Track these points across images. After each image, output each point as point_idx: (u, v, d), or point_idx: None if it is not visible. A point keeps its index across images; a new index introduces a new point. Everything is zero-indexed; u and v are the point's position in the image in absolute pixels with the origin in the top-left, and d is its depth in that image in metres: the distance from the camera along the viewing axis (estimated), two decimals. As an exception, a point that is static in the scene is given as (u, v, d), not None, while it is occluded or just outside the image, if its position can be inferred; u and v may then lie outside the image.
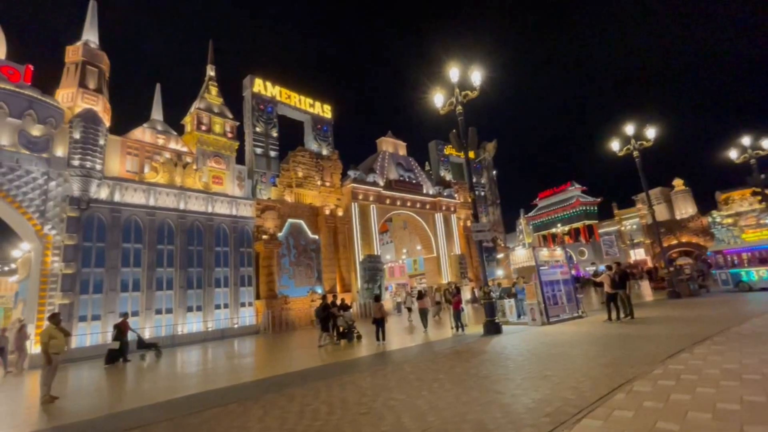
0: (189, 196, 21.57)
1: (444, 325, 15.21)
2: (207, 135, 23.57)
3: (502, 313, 14.19)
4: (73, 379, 11.50)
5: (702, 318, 10.73)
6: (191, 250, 21.12)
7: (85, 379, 11.59)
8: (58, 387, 8.29)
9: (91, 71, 19.71)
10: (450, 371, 6.96)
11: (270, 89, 28.72)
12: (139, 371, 11.80)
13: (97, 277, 17.72)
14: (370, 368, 7.98)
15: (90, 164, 17.89)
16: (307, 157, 29.11)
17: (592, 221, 70.06)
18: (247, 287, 23.16)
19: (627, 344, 7.91)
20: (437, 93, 13.87)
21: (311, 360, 10.43)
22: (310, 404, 5.62)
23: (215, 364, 12.05)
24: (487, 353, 8.46)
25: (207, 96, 24.81)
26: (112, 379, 10.75)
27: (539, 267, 12.89)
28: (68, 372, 12.74)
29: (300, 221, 27.07)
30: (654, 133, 18.82)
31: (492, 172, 45.15)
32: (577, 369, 6.19)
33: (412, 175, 36.29)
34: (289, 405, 5.69)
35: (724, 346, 6.79)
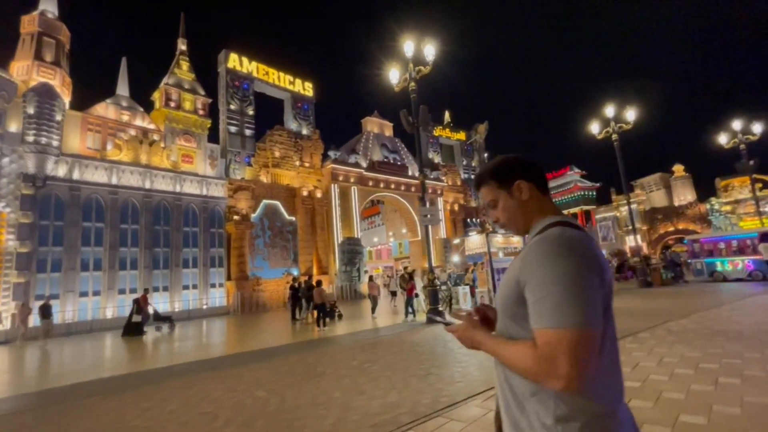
0: (155, 174, 21.08)
1: (400, 312, 14.83)
2: (176, 112, 22.88)
3: (456, 300, 13.76)
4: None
5: (651, 310, 10.20)
6: (157, 230, 20.79)
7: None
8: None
9: (48, 43, 18.95)
10: (346, 364, 6.54)
11: (246, 65, 27.74)
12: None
13: (56, 256, 17.49)
14: (271, 358, 7.58)
15: (45, 140, 17.37)
16: (285, 137, 28.37)
17: (590, 207, 68.87)
18: (217, 268, 22.92)
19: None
20: (392, 68, 13.06)
21: (234, 346, 10.10)
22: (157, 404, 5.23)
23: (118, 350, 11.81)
24: (406, 344, 8.02)
25: (177, 71, 23.97)
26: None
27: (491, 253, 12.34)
28: (21, 350, 12.60)
29: (276, 202, 26.57)
30: (634, 116, 17.86)
31: (483, 155, 44.06)
32: (470, 365, 5.72)
33: (397, 156, 35.46)
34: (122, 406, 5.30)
35: (638, 345, 6.27)
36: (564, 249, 1.00)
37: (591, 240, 1.05)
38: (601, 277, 0.99)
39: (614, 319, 1.06)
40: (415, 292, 12.58)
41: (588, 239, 1.04)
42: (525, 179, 1.23)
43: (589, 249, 1.01)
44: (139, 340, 13.02)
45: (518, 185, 1.22)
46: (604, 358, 1.01)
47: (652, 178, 60.66)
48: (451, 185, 40.14)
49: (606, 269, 1.02)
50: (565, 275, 0.97)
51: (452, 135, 43.68)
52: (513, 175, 1.24)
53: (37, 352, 11.98)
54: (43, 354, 11.63)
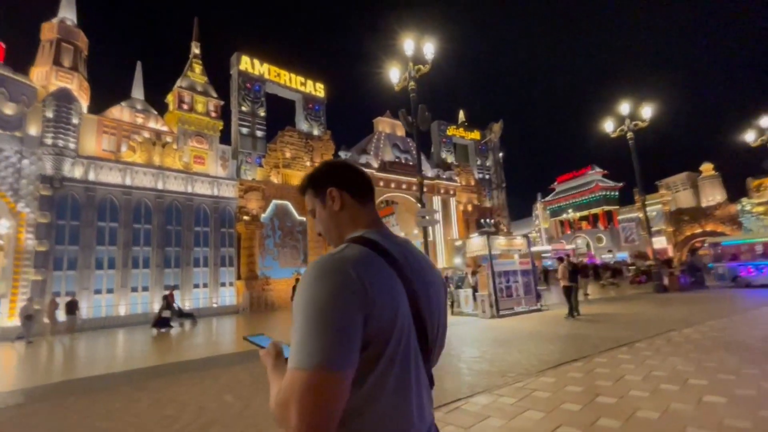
0: (167, 175, 21.59)
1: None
2: (189, 114, 23.37)
3: (458, 303, 13.48)
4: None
5: (657, 317, 9.68)
6: (169, 230, 21.29)
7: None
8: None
9: (66, 49, 19.69)
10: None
11: (258, 67, 28.09)
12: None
13: (71, 255, 18.13)
14: (257, 359, 7.56)
15: (63, 143, 18.05)
16: (296, 137, 28.59)
17: (612, 207, 66.67)
18: (228, 267, 23.30)
19: (530, 346, 7.11)
20: (393, 68, 12.88)
21: (227, 346, 10.17)
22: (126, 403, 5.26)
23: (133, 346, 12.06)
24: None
25: (190, 74, 24.50)
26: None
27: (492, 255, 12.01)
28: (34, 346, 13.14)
29: (286, 202, 26.81)
30: (650, 113, 17.09)
31: (498, 154, 43.29)
32: (446, 375, 5.52)
33: (409, 156, 35.19)
34: (92, 406, 5.35)
35: (630, 356, 5.91)
36: (319, 274, 0.85)
37: (362, 261, 0.88)
38: (365, 305, 0.83)
39: (410, 362, 0.90)
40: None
41: (358, 260, 0.87)
42: (337, 186, 1.08)
43: (351, 272, 0.84)
44: (166, 334, 13.97)
45: (330, 193, 1.08)
46: (381, 402, 0.86)
47: (678, 178, 58.25)
48: (464, 185, 39.59)
49: (383, 293, 0.86)
50: (310, 305, 0.82)
51: (466, 134, 43.05)
52: (326, 181, 1.10)
53: (59, 347, 12.43)
54: (62, 349, 12.04)
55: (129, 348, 11.62)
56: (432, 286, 1.04)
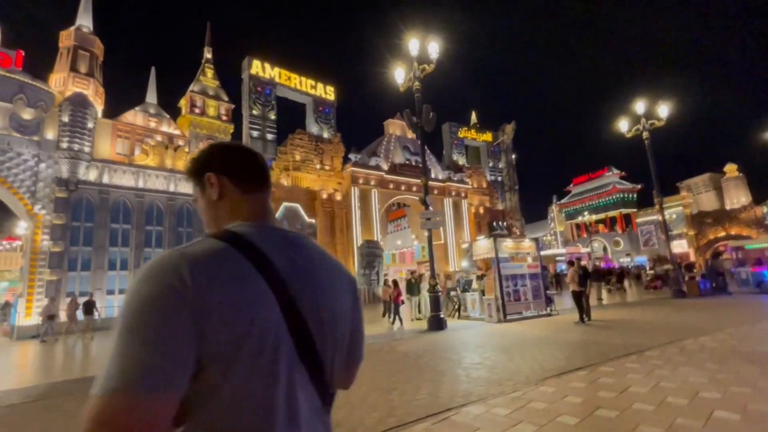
0: (179, 178, 21.90)
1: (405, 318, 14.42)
2: (200, 118, 23.75)
3: (464, 307, 13.18)
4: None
5: (673, 324, 9.21)
6: (180, 232, 21.57)
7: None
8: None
9: (82, 55, 20.24)
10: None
11: (269, 71, 28.39)
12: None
13: (85, 256, 18.54)
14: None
15: (78, 147, 18.51)
16: (306, 140, 28.74)
17: (629, 209, 64.87)
18: (237, 269, 23.45)
19: (534, 352, 6.80)
20: (398, 68, 12.75)
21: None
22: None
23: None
24: (392, 353, 7.65)
25: (202, 79, 24.91)
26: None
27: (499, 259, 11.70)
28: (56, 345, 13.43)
29: (296, 205, 26.91)
30: (666, 111, 16.49)
31: (511, 156, 42.62)
32: (444, 380, 5.30)
33: (419, 159, 34.91)
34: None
35: (638, 365, 5.58)
36: (145, 275, 0.68)
37: (208, 259, 0.71)
38: (198, 313, 0.66)
39: (277, 381, 0.73)
40: (402, 299, 12.16)
41: (201, 258, 0.70)
42: (217, 172, 0.92)
43: (183, 273, 0.67)
44: None
45: (208, 179, 0.92)
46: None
47: (701, 179, 56.38)
48: (476, 187, 39.12)
49: (232, 299, 0.69)
50: (125, 315, 0.66)
51: (478, 136, 42.59)
52: (206, 166, 0.94)
53: (78, 346, 12.66)
54: (80, 347, 12.26)
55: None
56: (328, 293, 0.87)
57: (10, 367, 9.93)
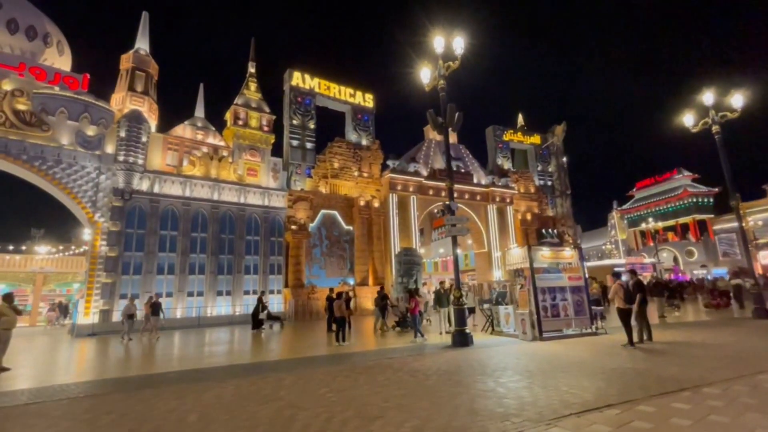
0: (222, 187, 22.96)
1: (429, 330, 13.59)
2: (243, 129, 24.76)
3: (497, 321, 12.12)
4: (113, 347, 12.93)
5: (746, 352, 7.60)
6: (223, 239, 22.51)
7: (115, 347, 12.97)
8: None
9: (139, 76, 22.01)
10: (314, 391, 5.85)
11: (309, 81, 29.10)
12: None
13: (137, 260, 19.88)
14: (254, 374, 7.19)
15: (133, 159, 20.04)
16: (344, 148, 28.94)
17: (705, 216, 58.08)
18: (276, 275, 23.97)
19: (561, 380, 5.80)
20: (424, 67, 12.20)
21: (238, 357, 10.05)
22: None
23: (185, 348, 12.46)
24: (401, 372, 7.02)
25: (246, 92, 26.05)
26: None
27: (534, 269, 10.58)
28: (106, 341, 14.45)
29: (333, 212, 27.11)
30: (741, 101, 14.26)
31: (561, 159, 39.92)
32: (443, 404, 4.61)
33: (461, 163, 33.84)
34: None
35: (690, 405, 4.47)
36: None
37: None
38: None
39: None
40: (419, 310, 11.36)
41: None
42: None
43: None
44: (257, 333, 15.63)
45: None
46: None
47: (796, 180, 48.79)
48: (523, 193, 37.05)
49: None
50: None
51: (525, 139, 40.48)
52: None
53: (157, 344, 13.50)
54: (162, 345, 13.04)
55: (239, 346, 12.14)
56: None
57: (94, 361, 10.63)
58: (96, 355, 11.79)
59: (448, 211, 10.71)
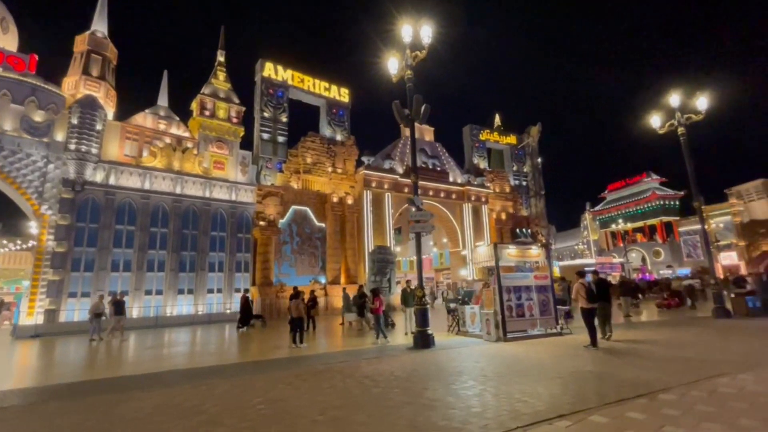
0: (186, 180, 21.82)
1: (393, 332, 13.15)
2: (210, 120, 23.65)
3: (463, 321, 11.78)
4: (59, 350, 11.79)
5: (705, 353, 7.47)
6: (185, 234, 21.40)
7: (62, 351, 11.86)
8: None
9: (95, 59, 20.61)
10: (247, 403, 5.25)
11: (282, 73, 28.15)
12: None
13: (89, 256, 18.59)
14: (188, 383, 6.52)
15: (86, 148, 18.69)
16: (318, 143, 28.16)
17: (671, 218, 60.19)
18: (243, 273, 23.03)
19: (516, 386, 5.43)
20: (392, 57, 11.70)
21: (190, 360, 9.33)
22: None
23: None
24: (351, 378, 6.51)
25: (214, 81, 24.90)
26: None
27: (499, 268, 10.27)
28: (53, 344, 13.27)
29: (305, 208, 26.32)
30: (705, 104, 14.45)
31: (536, 159, 40.35)
32: (386, 416, 4.12)
33: (437, 162, 33.64)
34: None
35: (646, 415, 4.13)
36: None
37: None
38: None
39: None
40: (383, 310, 10.92)
41: None
42: None
43: None
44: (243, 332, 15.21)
45: None
46: None
47: (753, 185, 51.15)
48: (498, 192, 37.20)
49: None
50: None
51: (501, 139, 40.68)
52: None
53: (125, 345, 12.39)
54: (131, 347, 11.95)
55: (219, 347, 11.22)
56: None
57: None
58: (24, 360, 10.75)
59: (411, 206, 10.25)
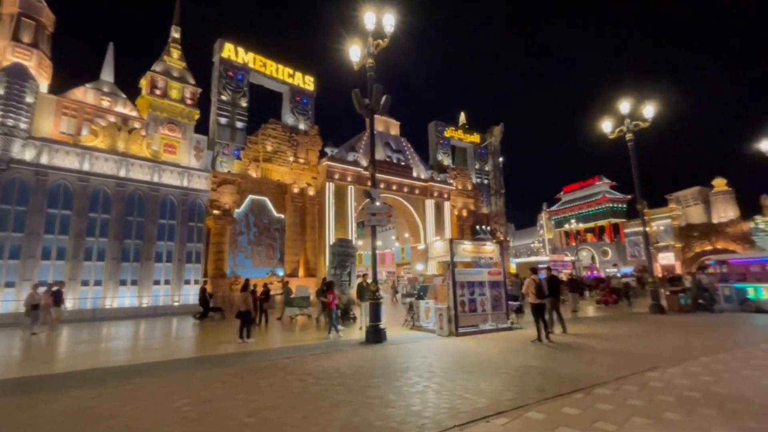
0: (132, 163, 20.26)
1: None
2: (161, 100, 22.07)
3: (417, 316, 11.77)
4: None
5: (640, 347, 7.86)
6: (130, 221, 19.91)
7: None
8: None
9: (27, 24, 18.54)
10: (166, 405, 4.82)
11: (242, 56, 26.83)
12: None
13: (15, 242, 16.82)
14: (118, 381, 5.94)
15: (13, 122, 16.82)
16: (280, 131, 27.19)
17: (619, 220, 64.17)
18: (194, 264, 21.84)
19: (459, 383, 5.40)
20: (354, 45, 11.33)
21: (118, 356, 8.62)
22: None
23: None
24: (292, 375, 6.20)
25: (167, 59, 23.25)
26: None
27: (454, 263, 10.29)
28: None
29: (264, 198, 25.37)
30: (652, 112, 15.27)
31: (498, 159, 41.42)
32: (320, 414, 3.87)
33: (401, 156, 33.60)
34: None
35: (579, 410, 4.17)
36: None
37: None
38: None
39: None
40: (336, 303, 10.72)
41: None
42: None
43: None
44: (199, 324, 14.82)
45: None
46: None
47: (689, 192, 55.59)
48: (460, 189, 37.82)
49: None
50: None
51: (465, 137, 41.33)
52: None
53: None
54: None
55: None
56: None
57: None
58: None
59: (368, 198, 10.02)
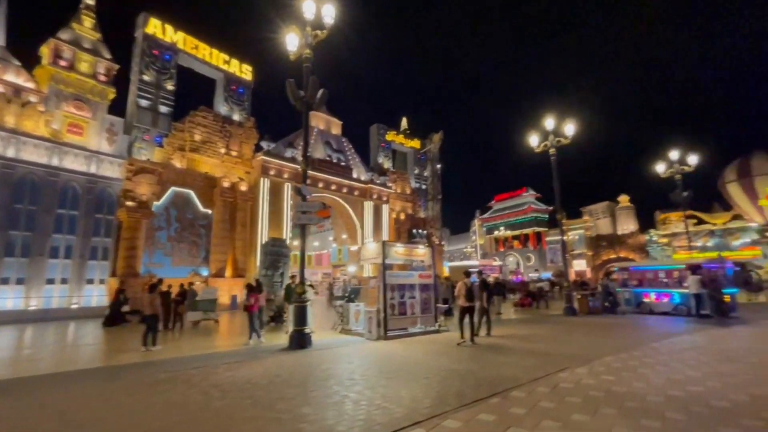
0: (24, 142, 17.41)
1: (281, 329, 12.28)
2: (67, 73, 19.29)
3: (347, 319, 11.44)
4: None
5: (554, 348, 8.32)
6: (18, 210, 17.06)
7: None
8: None
9: None
10: (40, 425, 3.96)
11: (171, 34, 24.50)
12: None
13: None
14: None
15: None
16: (211, 120, 25.27)
17: (541, 228, 69.74)
18: (99, 261, 19.35)
19: (379, 390, 5.20)
20: (290, 33, 10.73)
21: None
22: None
23: None
24: (197, 387, 5.51)
25: (76, 26, 20.41)
26: None
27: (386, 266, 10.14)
28: None
29: (189, 191, 23.32)
30: (573, 130, 16.62)
31: (436, 165, 42.73)
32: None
33: (342, 156, 33.13)
34: None
35: (495, 416, 4.15)
36: None
37: None
38: None
39: None
40: (257, 307, 10.12)
41: None
42: None
43: None
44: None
45: None
46: None
47: (600, 206, 62.22)
48: (399, 193, 38.30)
49: None
50: None
51: (406, 141, 42.02)
52: None
53: None
54: None
55: None
56: None
57: None
58: None
59: (298, 195, 9.49)
